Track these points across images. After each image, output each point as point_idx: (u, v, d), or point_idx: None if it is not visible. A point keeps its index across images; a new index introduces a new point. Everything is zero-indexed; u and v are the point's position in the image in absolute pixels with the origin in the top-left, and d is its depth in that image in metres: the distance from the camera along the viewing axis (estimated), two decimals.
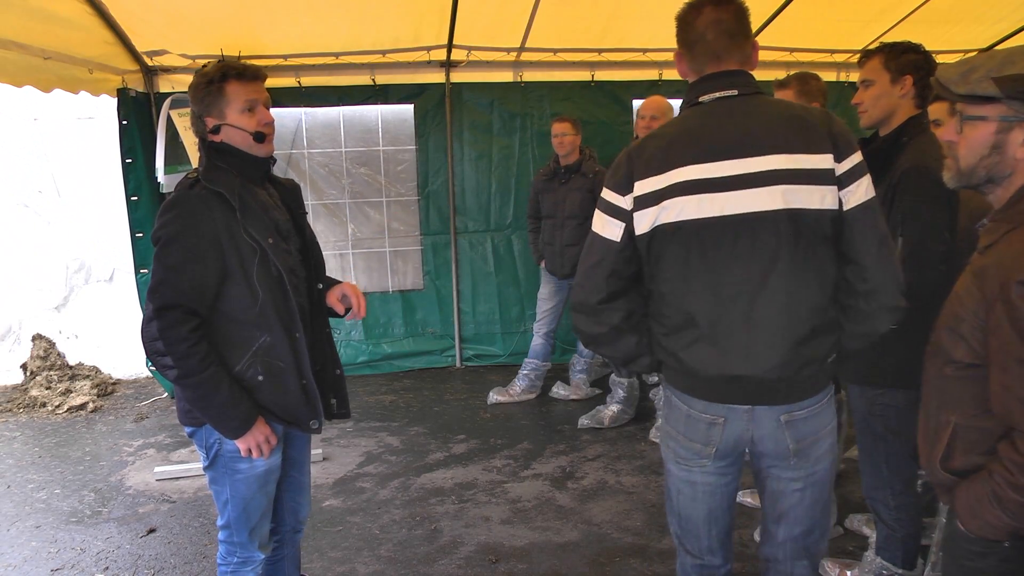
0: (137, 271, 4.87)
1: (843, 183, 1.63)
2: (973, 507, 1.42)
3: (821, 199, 1.62)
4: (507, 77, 5.37)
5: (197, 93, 2.00)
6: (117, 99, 4.60)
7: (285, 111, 5.11)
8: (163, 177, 4.05)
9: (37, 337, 5.62)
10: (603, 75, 5.37)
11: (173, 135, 4.06)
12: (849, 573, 2.73)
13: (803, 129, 1.64)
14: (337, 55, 4.89)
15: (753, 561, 2.86)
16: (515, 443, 4.23)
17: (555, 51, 5.13)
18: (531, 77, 5.37)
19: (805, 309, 1.66)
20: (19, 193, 5.59)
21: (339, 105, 5.27)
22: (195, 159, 3.83)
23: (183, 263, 1.90)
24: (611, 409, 4.46)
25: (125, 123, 4.64)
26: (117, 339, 5.54)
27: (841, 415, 3.15)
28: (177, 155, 4.12)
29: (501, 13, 4.60)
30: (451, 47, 4.99)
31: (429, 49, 5.00)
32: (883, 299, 1.69)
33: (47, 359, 5.54)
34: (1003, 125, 1.39)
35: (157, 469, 3.93)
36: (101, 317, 5.66)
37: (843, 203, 1.64)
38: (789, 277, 1.64)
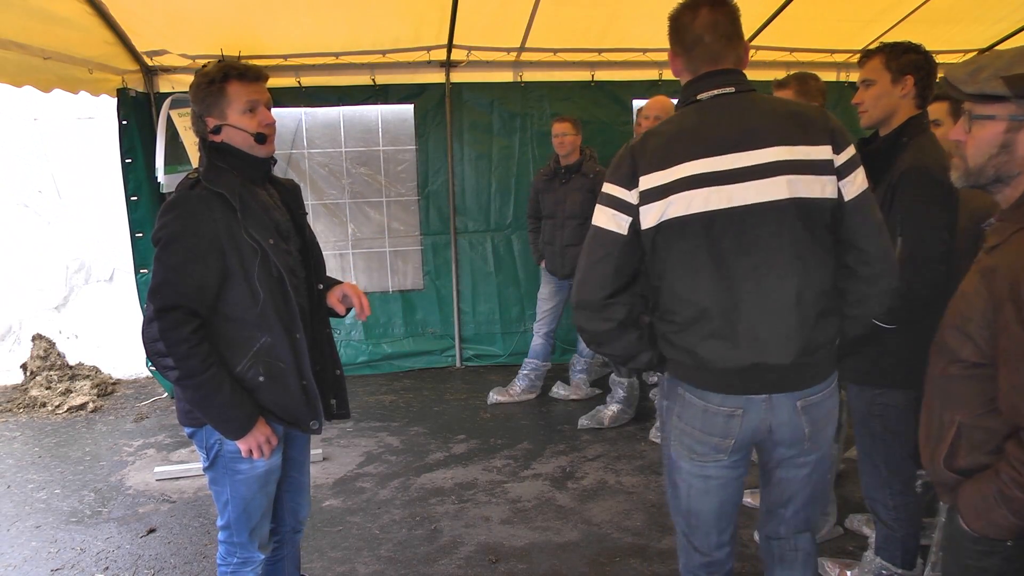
0: (137, 271, 4.87)
1: (842, 174, 1.70)
2: (978, 506, 1.41)
3: (822, 188, 1.68)
4: (507, 77, 5.37)
5: (198, 93, 1.99)
6: (117, 99, 4.60)
7: (285, 111, 5.12)
8: (163, 177, 4.05)
9: (37, 337, 5.62)
10: (603, 75, 5.38)
11: (173, 135, 4.06)
12: (849, 573, 2.73)
13: (802, 122, 1.70)
14: (337, 55, 4.89)
15: (753, 561, 2.86)
16: (515, 443, 4.23)
17: (555, 51, 5.13)
18: (531, 77, 5.38)
19: (814, 295, 1.71)
20: (19, 193, 5.59)
21: (339, 105, 5.27)
22: (195, 159, 3.83)
23: (184, 264, 1.90)
24: (611, 409, 4.46)
25: (125, 123, 4.64)
26: (117, 339, 5.55)
27: (841, 415, 3.15)
28: (177, 155, 4.12)
29: (501, 13, 4.60)
30: (451, 47, 5.00)
31: (429, 49, 5.00)
32: (884, 282, 1.76)
33: (47, 359, 5.54)
34: (1012, 124, 1.39)
35: (157, 469, 3.94)
36: (101, 317, 5.67)
37: (843, 193, 1.70)
38: (798, 264, 1.69)
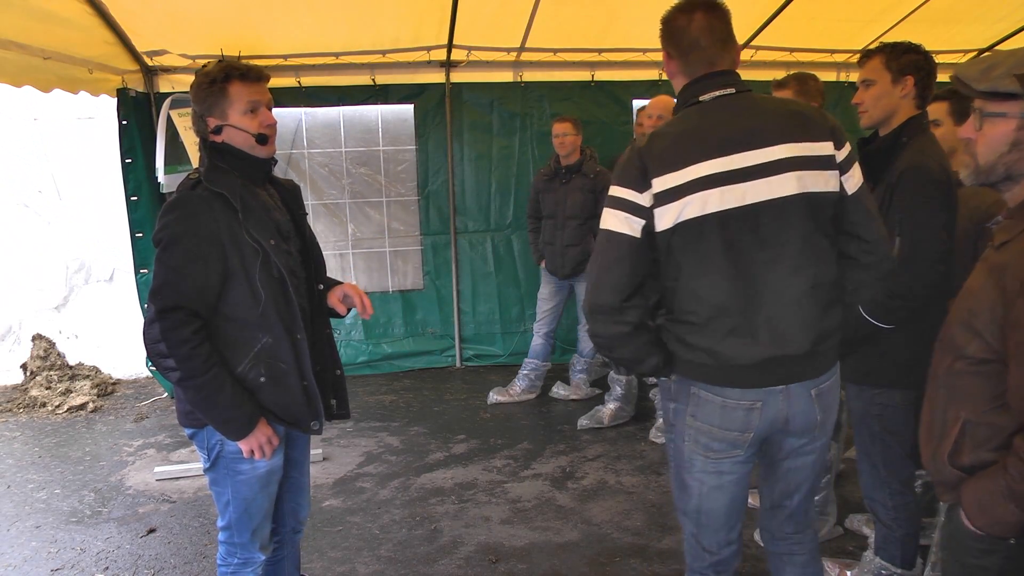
0: (137, 271, 4.87)
1: (843, 168, 1.77)
2: (983, 502, 1.41)
3: (826, 183, 1.75)
4: (507, 77, 5.37)
5: (199, 93, 1.99)
6: (117, 99, 4.60)
7: (285, 111, 5.12)
8: (163, 177, 4.06)
9: (37, 337, 5.62)
10: (603, 75, 5.38)
11: (173, 135, 4.06)
12: (849, 573, 2.73)
13: (803, 120, 1.76)
14: (337, 55, 4.89)
15: (753, 561, 2.86)
16: (515, 443, 4.23)
17: (555, 51, 5.13)
18: (531, 77, 5.38)
19: (824, 285, 1.77)
20: (19, 193, 5.59)
21: (339, 105, 5.28)
22: (195, 159, 3.84)
23: (185, 265, 1.89)
24: (609, 407, 4.46)
25: (125, 123, 4.65)
26: (117, 339, 5.55)
27: (840, 415, 3.16)
28: (177, 155, 4.12)
29: (501, 13, 4.61)
30: (451, 47, 5.00)
31: (429, 49, 5.00)
32: (883, 268, 1.85)
33: (47, 359, 5.54)
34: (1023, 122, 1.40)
35: (157, 469, 3.94)
36: (101, 317, 5.67)
37: (845, 187, 1.77)
38: (810, 256, 1.74)
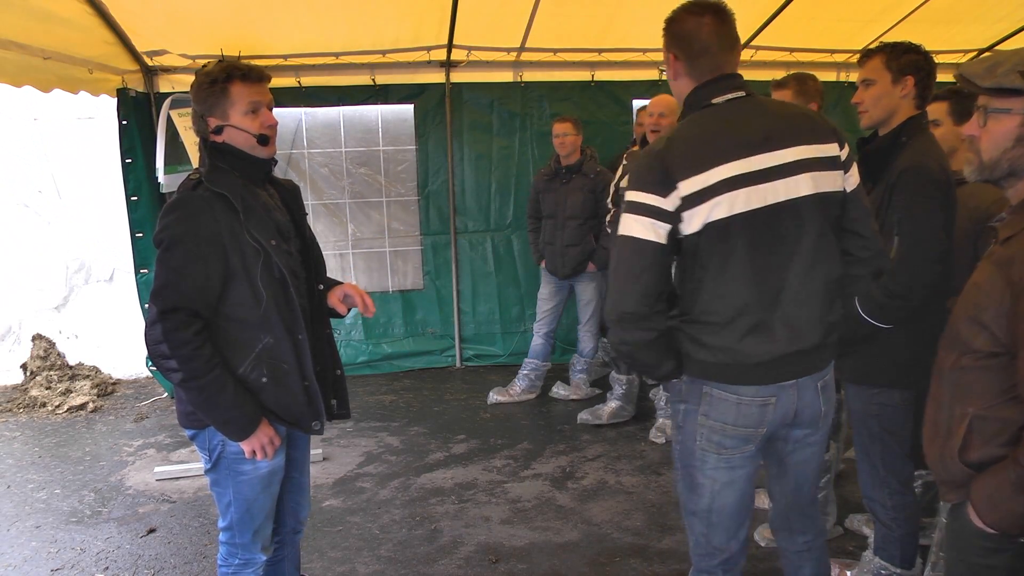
0: (137, 271, 4.87)
1: (845, 168, 1.84)
2: (993, 498, 1.40)
3: (835, 182, 1.82)
4: (507, 77, 5.37)
5: (200, 93, 1.99)
6: (117, 99, 4.60)
7: (285, 111, 5.12)
8: (163, 177, 4.05)
9: (37, 337, 5.62)
10: (603, 75, 5.38)
11: (173, 135, 4.06)
12: (849, 573, 2.74)
13: (811, 123, 1.83)
14: (337, 55, 4.89)
15: (753, 561, 2.86)
16: (515, 443, 4.23)
17: (555, 51, 5.13)
18: (531, 77, 5.38)
19: (833, 282, 1.84)
20: (19, 193, 5.59)
21: (339, 105, 5.27)
22: (195, 159, 3.84)
23: (186, 265, 1.89)
24: (611, 405, 4.46)
25: (125, 123, 4.64)
26: (117, 339, 5.55)
27: (840, 415, 3.15)
28: (177, 155, 4.12)
29: (501, 13, 4.61)
30: (451, 47, 5.00)
31: (429, 49, 5.00)
32: (877, 263, 1.92)
33: (47, 359, 5.54)
34: None
35: (157, 469, 3.94)
36: (101, 317, 5.67)
37: (845, 185, 1.85)
38: (822, 254, 1.80)
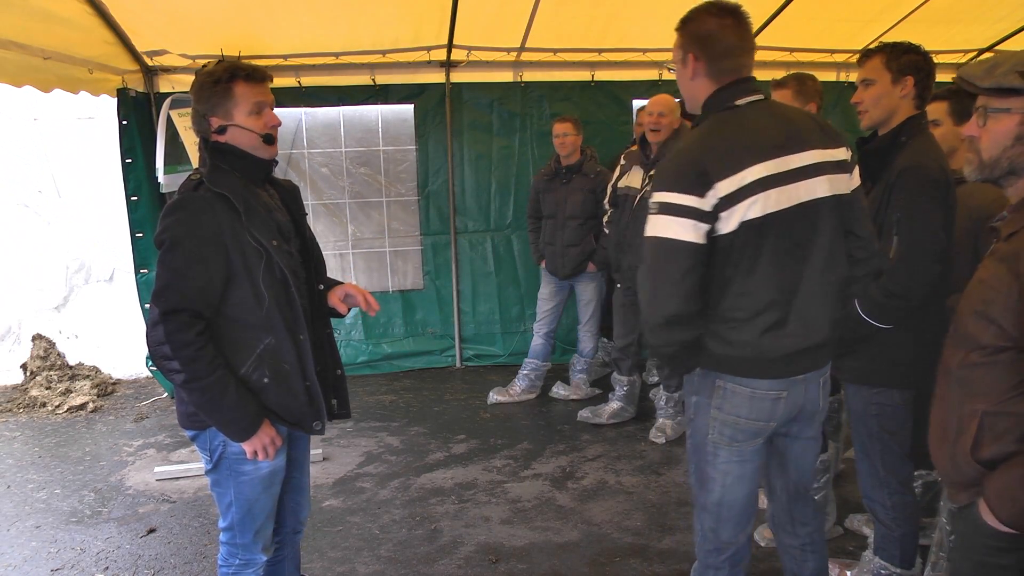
0: (137, 271, 4.87)
1: (850, 171, 1.91)
2: (1009, 493, 1.40)
3: (845, 185, 1.89)
4: (507, 77, 5.37)
5: (203, 92, 1.98)
6: (117, 99, 4.60)
7: (285, 111, 5.11)
8: (163, 177, 4.05)
9: (37, 337, 5.62)
10: (603, 75, 5.38)
11: (173, 135, 4.05)
12: (849, 573, 2.74)
13: (822, 128, 1.90)
14: (337, 55, 4.89)
15: (754, 561, 2.85)
16: (515, 443, 4.23)
17: (555, 51, 5.13)
18: (531, 77, 5.38)
19: (842, 281, 1.92)
20: (19, 193, 5.59)
21: (339, 105, 5.27)
22: (195, 159, 3.83)
23: (188, 266, 1.89)
24: (612, 406, 4.47)
25: (125, 123, 4.64)
26: (117, 339, 5.55)
27: (840, 415, 3.16)
28: (177, 155, 4.12)
29: (501, 13, 4.61)
30: (451, 47, 5.00)
31: (429, 49, 5.00)
32: (874, 263, 2.01)
33: (47, 359, 5.54)
34: None
35: (157, 469, 3.94)
36: (101, 317, 5.67)
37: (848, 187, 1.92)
38: (834, 253, 1.87)
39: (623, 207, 4.09)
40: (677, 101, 4.09)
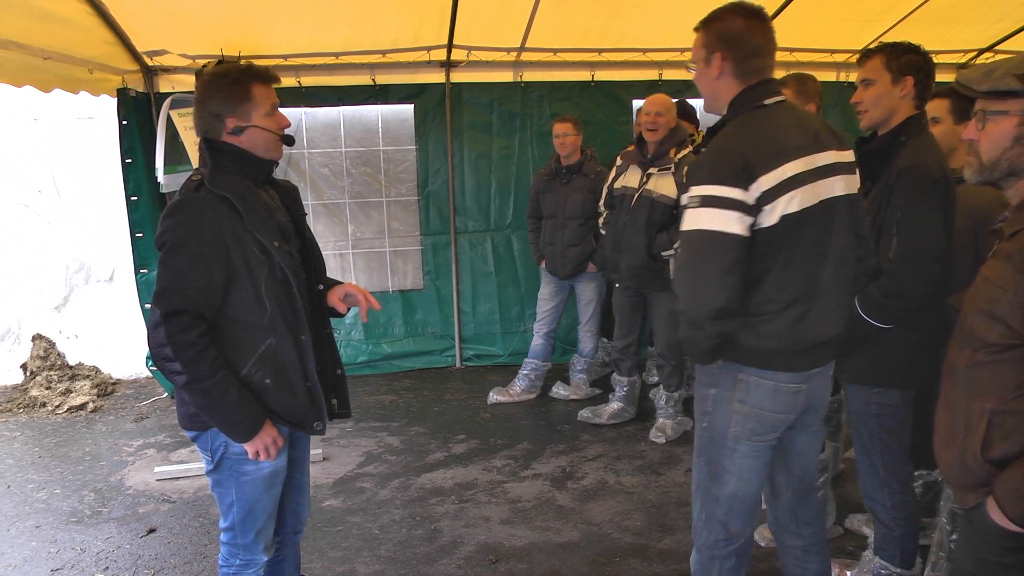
0: (137, 271, 4.87)
1: (856, 171, 1.98)
2: (1019, 491, 1.40)
3: (855, 186, 1.96)
4: (507, 77, 5.37)
5: (220, 92, 1.97)
6: (117, 99, 4.60)
7: (285, 111, 5.06)
8: (163, 177, 4.05)
9: (37, 337, 5.62)
10: (603, 75, 5.38)
11: (173, 135, 4.05)
12: (849, 573, 2.74)
13: (832, 130, 1.95)
14: (337, 55, 4.89)
15: (753, 561, 2.85)
16: (515, 443, 4.23)
17: (555, 51, 5.13)
18: (531, 77, 5.37)
19: (853, 276, 1.98)
20: (19, 193, 5.59)
21: (339, 105, 5.27)
22: (195, 159, 3.83)
23: (189, 268, 1.88)
24: (612, 406, 4.47)
25: (125, 123, 4.64)
26: (117, 339, 5.55)
27: (840, 415, 3.16)
28: (177, 155, 4.12)
29: (501, 13, 4.61)
30: (451, 47, 5.00)
31: (429, 49, 5.00)
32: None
33: (47, 359, 5.54)
34: None
35: (157, 469, 3.94)
36: (101, 317, 5.67)
37: None
38: (848, 250, 1.92)
39: (620, 207, 4.09)
40: (674, 101, 4.10)
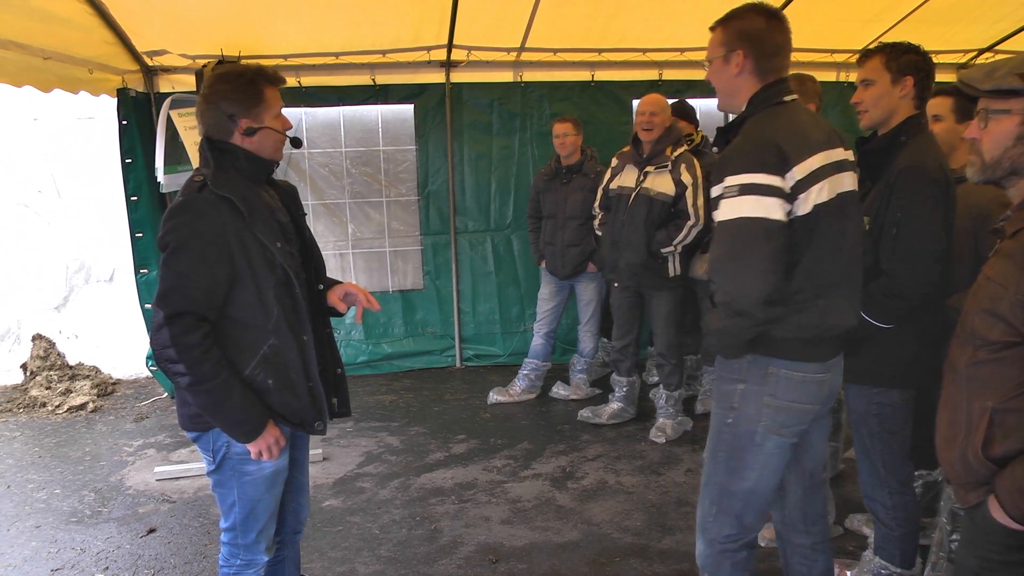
0: (137, 271, 4.87)
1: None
2: (1019, 489, 1.40)
3: (856, 183, 1.99)
4: (507, 77, 5.37)
5: (235, 93, 1.97)
6: (117, 99, 4.60)
7: (285, 111, 5.08)
8: (163, 177, 4.05)
9: (37, 337, 5.62)
10: (603, 75, 5.38)
11: (173, 135, 4.05)
12: (849, 573, 2.74)
13: (835, 130, 1.97)
14: (337, 55, 4.89)
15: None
16: (515, 443, 4.23)
17: (555, 51, 5.13)
18: (531, 77, 5.38)
19: (862, 269, 2.01)
20: (19, 193, 5.59)
21: (339, 105, 5.27)
22: (195, 159, 3.83)
23: (193, 269, 1.88)
24: (612, 407, 4.47)
25: (125, 123, 4.64)
26: (117, 339, 5.55)
27: (840, 414, 3.16)
28: (177, 155, 4.12)
29: (501, 13, 4.61)
30: (451, 47, 5.00)
31: (429, 49, 5.00)
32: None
33: (47, 359, 5.54)
34: None
35: (157, 469, 3.94)
36: (101, 317, 5.67)
37: None
38: (858, 243, 1.97)
39: (616, 207, 4.10)
40: (673, 101, 4.11)
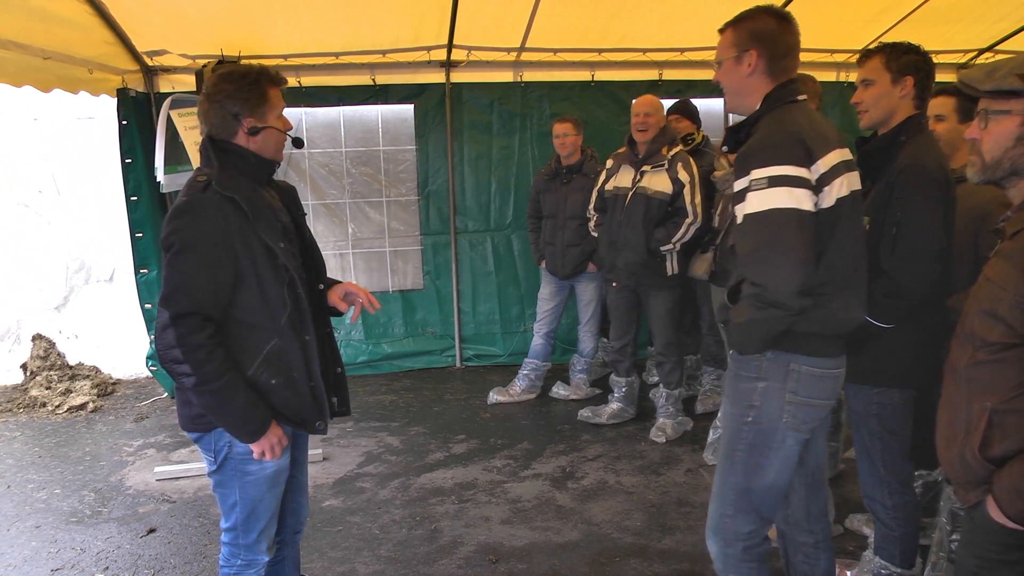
0: (137, 271, 4.87)
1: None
2: (1016, 489, 1.41)
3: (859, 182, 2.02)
4: (507, 77, 5.37)
5: (240, 92, 1.97)
6: (117, 99, 4.60)
7: (286, 111, 5.09)
8: (163, 177, 4.05)
9: (37, 337, 5.62)
10: (603, 75, 5.38)
11: (173, 135, 4.05)
12: (849, 573, 2.74)
13: (838, 131, 2.00)
14: (337, 55, 4.89)
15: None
16: (515, 443, 4.23)
17: (555, 51, 5.13)
18: (531, 77, 5.38)
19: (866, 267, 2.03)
20: (19, 193, 5.59)
21: (339, 105, 5.27)
22: (195, 159, 3.83)
23: (198, 269, 1.88)
24: (611, 407, 4.47)
25: (125, 123, 4.64)
26: (117, 339, 5.55)
27: (840, 414, 3.16)
28: (177, 155, 4.12)
29: (501, 13, 4.61)
30: (451, 47, 5.00)
31: (429, 49, 5.00)
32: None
33: (47, 359, 5.54)
34: None
35: (157, 469, 3.94)
36: (101, 317, 5.67)
37: None
38: (862, 241, 1.99)
39: (613, 207, 4.10)
40: (676, 101, 4.11)
